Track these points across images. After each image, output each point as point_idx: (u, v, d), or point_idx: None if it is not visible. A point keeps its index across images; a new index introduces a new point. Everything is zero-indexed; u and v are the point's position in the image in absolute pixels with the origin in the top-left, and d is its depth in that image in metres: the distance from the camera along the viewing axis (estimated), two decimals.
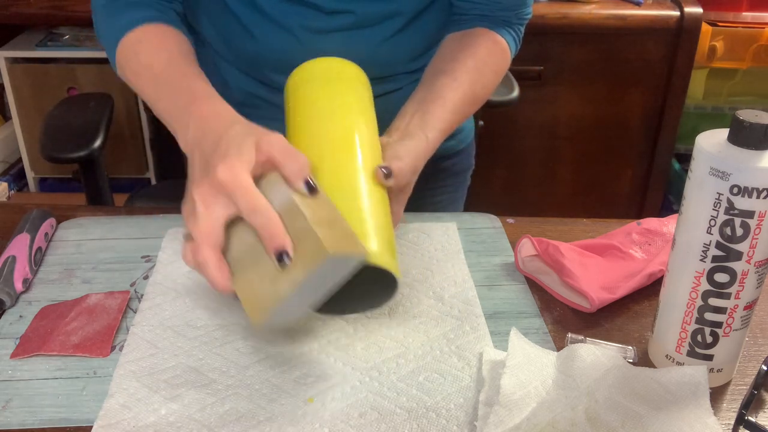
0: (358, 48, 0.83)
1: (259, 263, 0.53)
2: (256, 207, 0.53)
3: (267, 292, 0.53)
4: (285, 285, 0.52)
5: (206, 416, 0.55)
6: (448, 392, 0.58)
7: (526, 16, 0.86)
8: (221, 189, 0.54)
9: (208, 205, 0.54)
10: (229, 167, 0.54)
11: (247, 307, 0.54)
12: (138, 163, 2.18)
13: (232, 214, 0.54)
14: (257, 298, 0.53)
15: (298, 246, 0.52)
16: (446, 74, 0.77)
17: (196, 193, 0.55)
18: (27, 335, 0.64)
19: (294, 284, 0.51)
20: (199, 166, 0.58)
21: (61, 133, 1.14)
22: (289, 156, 0.56)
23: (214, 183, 0.54)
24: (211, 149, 0.57)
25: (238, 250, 0.55)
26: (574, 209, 2.01)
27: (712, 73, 1.90)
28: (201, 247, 0.54)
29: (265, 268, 0.53)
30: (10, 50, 2.05)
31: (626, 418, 0.54)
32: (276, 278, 0.52)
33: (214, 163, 0.55)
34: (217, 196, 0.54)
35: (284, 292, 0.52)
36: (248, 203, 0.53)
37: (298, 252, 0.52)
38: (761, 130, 0.52)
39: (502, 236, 0.80)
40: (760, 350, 0.65)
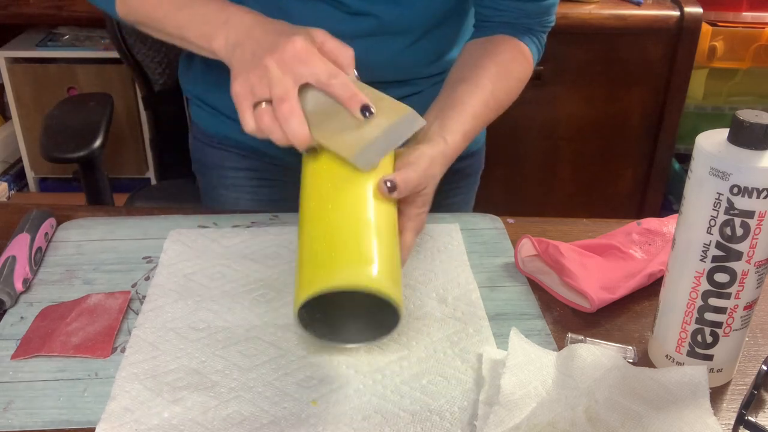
0: (379, 55, 0.82)
1: (336, 119, 0.61)
2: (334, 71, 0.60)
3: (353, 136, 0.60)
4: (372, 130, 0.60)
5: (209, 419, 0.56)
6: (452, 395, 0.58)
7: (549, 24, 0.86)
8: (298, 57, 0.60)
9: (286, 69, 0.60)
10: (305, 40, 0.61)
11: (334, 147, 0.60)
12: (138, 163, 2.18)
13: (307, 80, 0.60)
14: (343, 143, 0.60)
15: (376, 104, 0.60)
16: (467, 81, 0.77)
17: (272, 59, 0.60)
18: (28, 336, 0.64)
19: (381, 128, 0.60)
20: (263, 43, 0.62)
21: (61, 133, 1.14)
22: (340, 47, 0.63)
23: (291, 51, 0.60)
24: (274, 32, 0.63)
25: (311, 111, 0.61)
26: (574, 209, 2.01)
27: (712, 73, 1.89)
28: (284, 102, 0.59)
29: (344, 122, 0.60)
30: (10, 50, 2.05)
31: (626, 418, 0.54)
32: (360, 127, 0.60)
33: (287, 37, 0.61)
34: (293, 63, 0.60)
35: (373, 135, 0.59)
36: (328, 68, 0.60)
37: (378, 108, 0.60)
38: (761, 130, 0.52)
39: (503, 237, 0.80)
40: (760, 350, 0.65)
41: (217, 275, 0.72)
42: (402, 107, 0.61)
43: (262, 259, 0.75)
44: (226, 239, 0.78)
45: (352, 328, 0.61)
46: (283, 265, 0.74)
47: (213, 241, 0.78)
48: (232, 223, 0.81)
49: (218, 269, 0.73)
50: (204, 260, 0.74)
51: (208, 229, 0.80)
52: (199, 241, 0.78)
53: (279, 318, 0.66)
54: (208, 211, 0.88)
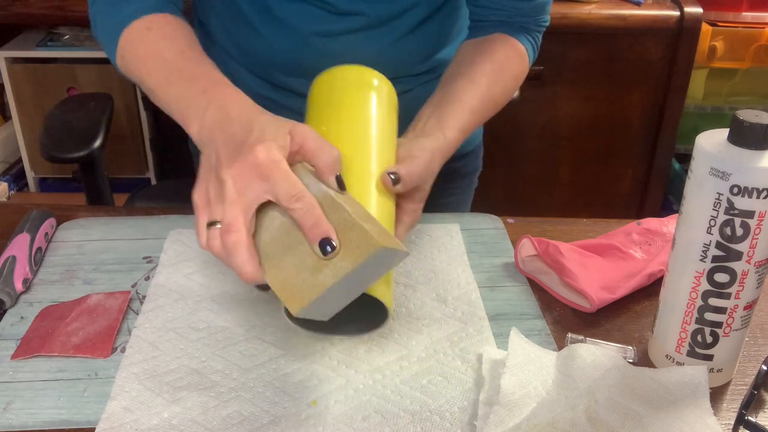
0: (367, 50, 0.83)
1: (293, 252, 0.52)
2: (298, 192, 0.51)
3: (306, 282, 0.51)
4: (329, 275, 0.50)
5: (209, 419, 0.56)
6: (452, 395, 0.58)
7: (544, 23, 0.86)
8: (258, 171, 0.52)
9: (241, 187, 0.52)
10: (268, 150, 0.52)
11: (283, 297, 0.52)
12: (138, 163, 2.18)
13: (266, 200, 0.52)
14: (295, 288, 0.51)
15: (342, 237, 0.51)
16: (464, 77, 0.77)
17: (228, 174, 0.52)
18: (28, 336, 0.64)
19: (339, 275, 0.50)
20: (225, 150, 0.55)
21: (61, 133, 1.14)
22: (323, 148, 0.55)
23: (252, 164, 0.52)
24: (243, 132, 0.55)
25: (269, 238, 0.53)
26: (574, 209, 2.01)
27: (712, 73, 1.90)
28: (232, 229, 0.51)
29: (302, 258, 0.51)
30: (10, 50, 2.05)
31: (626, 418, 0.54)
32: (317, 268, 0.50)
33: (250, 145, 0.53)
34: (252, 178, 0.52)
35: (328, 283, 0.50)
36: (289, 188, 0.52)
37: (343, 243, 0.50)
38: (761, 130, 0.52)
39: (503, 237, 0.80)
40: (760, 350, 0.65)
41: (217, 275, 0.72)
42: (373, 242, 0.50)
43: None
44: None
45: (342, 321, 0.60)
46: None
47: None
48: None
49: (218, 269, 0.73)
50: (204, 260, 0.74)
51: None
52: None
53: (279, 318, 0.66)
54: None
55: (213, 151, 0.56)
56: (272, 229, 0.53)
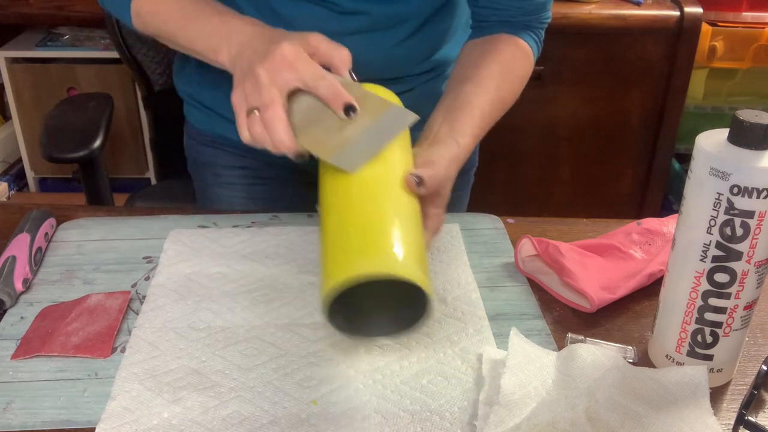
0: (371, 52, 0.83)
1: (321, 123, 0.61)
2: (321, 74, 0.62)
3: (335, 138, 0.60)
4: (354, 130, 0.60)
5: (209, 419, 0.56)
6: (452, 395, 0.58)
7: (546, 19, 0.87)
8: (286, 62, 0.61)
9: (274, 76, 0.61)
10: (292, 46, 0.62)
11: (317, 151, 0.61)
12: (138, 163, 2.18)
13: (295, 85, 0.62)
14: (326, 145, 0.61)
15: (361, 105, 0.61)
16: (472, 81, 0.77)
17: (261, 68, 0.61)
18: (28, 336, 0.64)
19: (362, 128, 0.60)
20: (255, 56, 0.64)
21: (61, 133, 1.14)
22: (336, 49, 0.65)
23: (280, 59, 0.61)
24: (268, 40, 0.64)
25: (299, 118, 0.62)
26: (574, 209, 2.01)
27: (712, 73, 1.89)
28: (269, 109, 0.60)
29: (329, 125, 0.61)
30: (10, 50, 2.05)
31: (626, 418, 0.54)
32: (343, 128, 0.60)
33: (276, 44, 0.62)
34: (281, 68, 0.61)
35: (355, 135, 0.60)
36: (314, 71, 0.62)
37: (362, 107, 0.61)
38: (761, 130, 0.52)
39: (503, 237, 0.80)
40: (760, 350, 0.65)
41: (217, 275, 0.72)
42: (387, 104, 0.62)
43: (262, 259, 0.75)
44: (226, 239, 0.78)
45: (376, 325, 0.61)
46: (283, 265, 0.74)
47: (213, 241, 0.78)
48: (232, 223, 0.81)
49: (218, 269, 0.73)
50: (204, 260, 0.74)
51: (208, 229, 0.80)
52: (199, 241, 0.78)
53: (279, 318, 0.66)
54: (208, 211, 0.88)
55: (245, 61, 0.65)
56: (301, 111, 0.63)
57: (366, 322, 0.61)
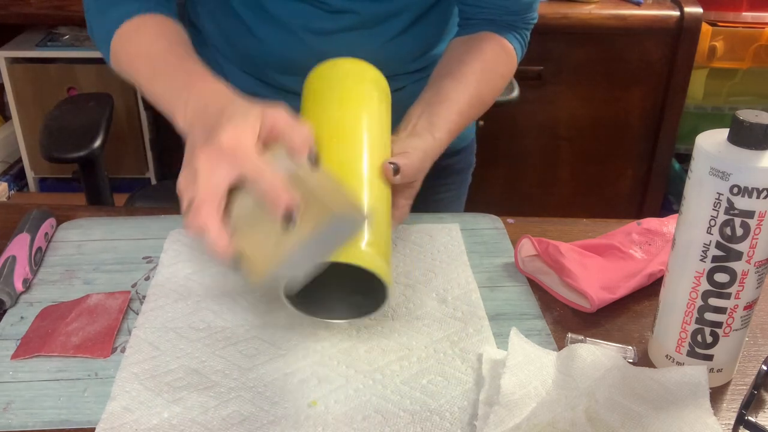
0: (361, 49, 0.83)
1: (260, 227, 0.54)
2: (260, 170, 0.53)
3: (270, 251, 0.53)
4: (289, 243, 0.53)
5: (209, 419, 0.56)
6: (452, 395, 0.58)
7: (532, 20, 0.87)
8: (225, 153, 0.54)
9: (210, 170, 0.54)
10: (234, 132, 0.54)
11: (248, 265, 0.54)
12: (138, 163, 2.18)
13: (234, 180, 0.54)
14: (260, 258, 0.54)
15: (303, 210, 0.53)
16: (453, 77, 0.78)
17: (199, 159, 0.54)
18: (28, 336, 0.64)
19: (299, 241, 0.52)
20: (200, 136, 0.57)
21: (61, 133, 1.14)
22: (293, 127, 0.56)
23: (218, 148, 0.54)
24: (214, 119, 0.57)
25: (238, 217, 0.55)
26: (574, 209, 2.01)
27: (712, 73, 1.90)
28: (201, 210, 0.53)
29: (267, 231, 0.54)
30: (10, 50, 2.05)
31: (626, 418, 0.54)
32: (280, 238, 0.53)
33: (217, 130, 0.55)
34: (220, 161, 0.54)
35: (289, 250, 0.52)
36: (252, 166, 0.53)
37: (303, 215, 0.53)
38: (761, 130, 0.52)
39: (503, 237, 0.80)
40: (760, 350, 0.65)
41: (217, 275, 0.72)
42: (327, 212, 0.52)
43: None
44: None
45: (337, 306, 0.62)
46: None
47: None
48: None
49: (218, 269, 0.73)
50: (204, 260, 0.74)
51: None
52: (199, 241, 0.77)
53: (279, 318, 0.66)
54: None
55: (193, 137, 0.58)
56: (242, 208, 0.55)
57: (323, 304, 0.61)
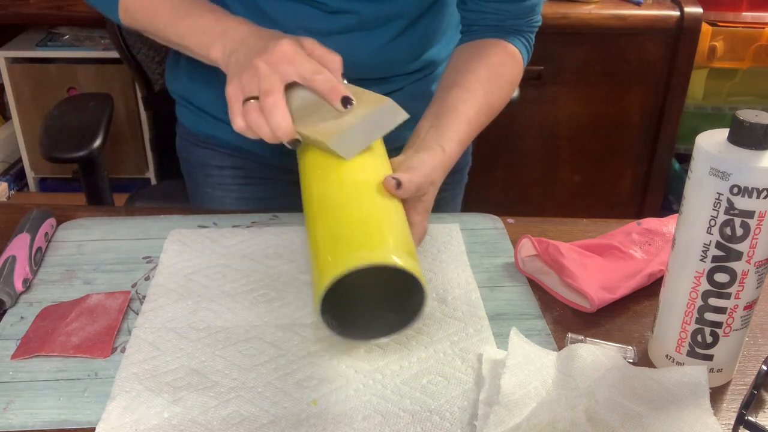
0: (359, 51, 0.83)
1: (318, 113, 0.64)
2: (317, 68, 0.64)
3: (333, 125, 0.63)
4: (351, 118, 0.62)
5: (209, 419, 0.56)
6: (452, 395, 0.58)
7: (536, 23, 0.86)
8: (285, 57, 0.63)
9: (273, 68, 0.63)
10: (292, 43, 0.64)
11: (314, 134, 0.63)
12: (138, 163, 2.18)
13: (295, 77, 0.63)
14: (324, 131, 0.62)
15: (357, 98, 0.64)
16: (459, 86, 0.77)
17: (261, 60, 0.63)
18: (28, 336, 0.64)
19: (359, 116, 0.62)
20: (252, 51, 0.65)
21: (61, 133, 1.14)
22: (328, 52, 0.66)
23: (279, 53, 0.63)
24: (265, 38, 0.66)
25: (296, 108, 0.64)
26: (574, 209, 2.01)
27: (712, 73, 1.89)
28: (269, 96, 0.62)
29: (325, 114, 0.63)
30: (10, 50, 2.05)
31: (626, 418, 0.54)
32: (339, 116, 0.63)
33: (275, 41, 0.64)
34: (281, 62, 0.63)
35: (352, 122, 0.62)
36: (312, 66, 0.64)
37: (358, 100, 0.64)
38: (761, 130, 0.52)
39: (503, 237, 0.80)
40: (760, 350, 0.65)
41: (217, 275, 0.72)
42: (382, 99, 0.64)
43: (262, 259, 0.75)
44: (226, 239, 0.78)
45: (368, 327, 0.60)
46: (283, 265, 0.74)
47: (213, 241, 0.78)
48: (232, 223, 0.81)
49: (218, 269, 0.73)
50: (204, 260, 0.74)
51: (208, 229, 0.80)
52: (199, 241, 0.78)
53: (279, 318, 0.66)
54: (208, 211, 0.88)
55: (241, 56, 0.66)
56: (298, 102, 0.65)
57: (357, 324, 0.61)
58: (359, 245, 0.56)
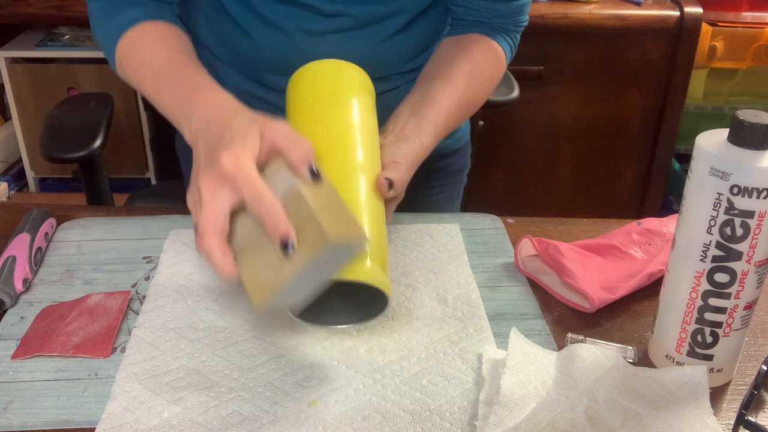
0: (355, 50, 0.83)
1: (262, 251, 0.54)
2: (260, 196, 0.54)
3: (270, 278, 0.54)
4: (287, 272, 0.52)
5: (209, 419, 0.56)
6: (452, 395, 0.58)
7: (522, 23, 0.87)
8: (225, 178, 0.54)
9: (212, 195, 0.55)
10: (233, 156, 0.55)
11: (250, 293, 0.55)
12: (138, 163, 2.18)
13: (236, 203, 0.55)
14: (260, 285, 0.54)
15: (302, 234, 0.53)
16: (442, 79, 0.78)
17: (202, 183, 0.55)
18: (28, 336, 0.64)
19: (296, 271, 0.52)
20: (203, 156, 0.58)
21: (61, 133, 1.14)
22: (294, 142, 0.56)
23: (219, 172, 0.54)
24: (215, 139, 0.58)
25: (242, 238, 0.56)
26: (574, 209, 2.01)
27: (712, 73, 1.90)
28: (205, 235, 0.54)
29: (269, 256, 0.54)
30: (10, 50, 2.05)
31: (626, 418, 0.54)
32: (279, 265, 0.53)
33: (218, 153, 0.55)
34: (221, 186, 0.55)
35: (286, 279, 0.52)
36: (251, 193, 0.54)
37: (301, 239, 0.53)
38: (761, 130, 0.52)
39: (503, 237, 0.80)
40: (760, 350, 0.65)
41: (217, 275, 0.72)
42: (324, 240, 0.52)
43: None
44: None
45: (339, 311, 0.61)
46: None
47: None
48: None
49: None
50: (204, 261, 0.74)
51: None
52: None
53: (279, 318, 0.66)
54: None
55: (197, 156, 0.59)
56: (245, 230, 0.56)
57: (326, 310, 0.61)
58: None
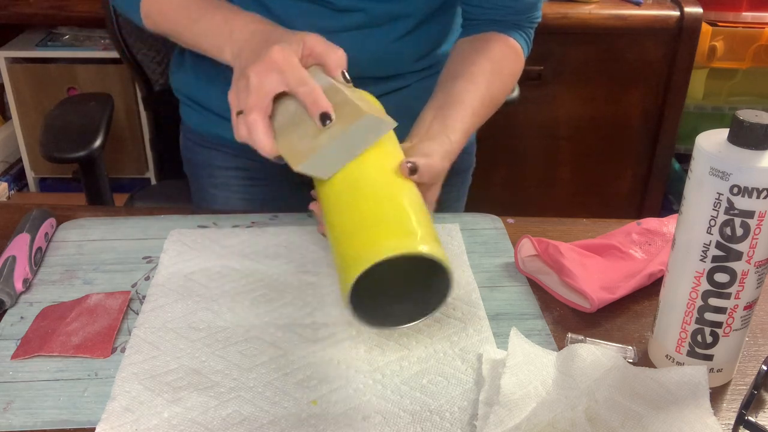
0: (367, 48, 0.83)
1: (300, 127, 0.62)
2: (303, 79, 0.62)
3: (306, 146, 0.61)
4: (324, 138, 0.60)
5: (209, 419, 0.56)
6: (452, 395, 0.58)
7: (536, 19, 0.87)
8: (274, 66, 0.63)
9: (261, 79, 0.63)
10: (282, 49, 0.64)
11: (287, 158, 0.62)
12: (138, 163, 2.18)
13: (281, 88, 0.63)
14: (298, 152, 0.62)
15: (338, 111, 0.61)
16: (463, 78, 0.78)
17: (251, 71, 0.63)
18: (28, 336, 0.64)
19: (332, 137, 0.60)
20: (250, 56, 0.65)
21: (61, 133, 1.14)
22: (330, 49, 0.65)
23: (268, 61, 0.63)
24: (262, 42, 0.66)
25: (282, 119, 0.64)
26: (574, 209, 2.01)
27: (712, 73, 1.89)
28: (252, 112, 0.62)
29: (306, 130, 0.62)
30: (10, 50, 2.05)
31: (626, 418, 0.54)
32: (316, 134, 0.61)
33: (268, 48, 0.64)
34: (270, 72, 0.63)
35: (323, 144, 0.60)
36: (297, 76, 0.63)
37: (338, 116, 0.61)
38: (761, 130, 0.52)
39: (503, 237, 0.80)
40: (760, 350, 0.65)
41: (217, 275, 0.72)
42: (360, 113, 0.60)
43: (262, 259, 0.75)
44: (226, 239, 0.78)
45: (396, 313, 0.60)
46: (283, 265, 0.74)
47: (213, 241, 0.78)
48: (232, 223, 0.81)
49: (218, 269, 0.73)
50: (204, 260, 0.74)
51: (208, 229, 0.80)
52: (199, 241, 0.78)
53: (279, 318, 0.66)
54: (208, 211, 0.88)
55: (242, 61, 0.67)
56: (286, 113, 0.64)
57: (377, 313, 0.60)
58: (387, 235, 0.56)
